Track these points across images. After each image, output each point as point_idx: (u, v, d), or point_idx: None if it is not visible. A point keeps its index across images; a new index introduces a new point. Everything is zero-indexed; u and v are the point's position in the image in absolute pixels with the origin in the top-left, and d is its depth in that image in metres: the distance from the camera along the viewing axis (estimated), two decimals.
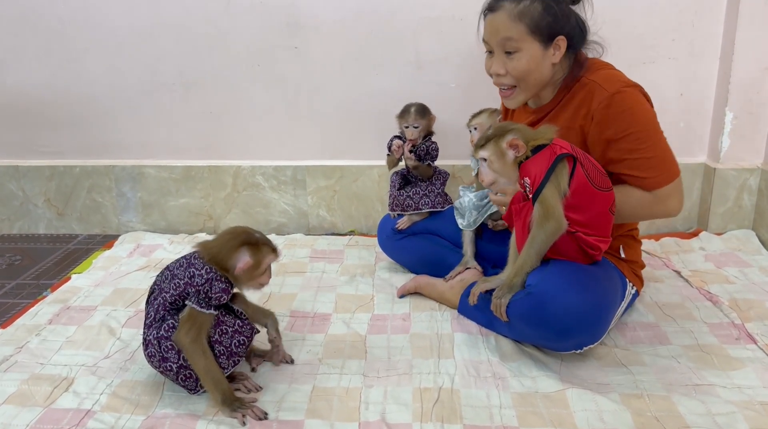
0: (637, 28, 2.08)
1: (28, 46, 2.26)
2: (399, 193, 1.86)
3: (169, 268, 1.32)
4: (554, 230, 1.30)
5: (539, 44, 1.43)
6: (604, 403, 1.25)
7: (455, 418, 1.23)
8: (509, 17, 1.41)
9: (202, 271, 1.26)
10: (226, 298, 1.29)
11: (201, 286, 1.25)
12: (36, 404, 1.30)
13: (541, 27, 1.41)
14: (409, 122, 1.81)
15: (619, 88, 1.40)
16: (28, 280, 1.99)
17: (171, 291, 1.28)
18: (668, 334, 1.53)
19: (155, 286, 1.33)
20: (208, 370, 1.24)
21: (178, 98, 2.29)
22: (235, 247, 1.28)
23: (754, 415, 1.22)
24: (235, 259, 1.27)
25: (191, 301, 1.25)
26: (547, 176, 1.28)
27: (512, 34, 1.41)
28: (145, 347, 1.31)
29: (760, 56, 2.03)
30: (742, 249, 2.04)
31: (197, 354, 1.24)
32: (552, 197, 1.29)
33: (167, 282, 1.30)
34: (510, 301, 1.38)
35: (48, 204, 2.42)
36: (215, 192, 2.36)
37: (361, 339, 1.55)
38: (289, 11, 2.16)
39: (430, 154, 1.83)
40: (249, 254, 1.28)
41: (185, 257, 1.32)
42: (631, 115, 1.39)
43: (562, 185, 1.30)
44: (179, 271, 1.29)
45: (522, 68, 1.44)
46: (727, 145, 2.13)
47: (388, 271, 1.95)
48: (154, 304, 1.31)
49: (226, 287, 1.28)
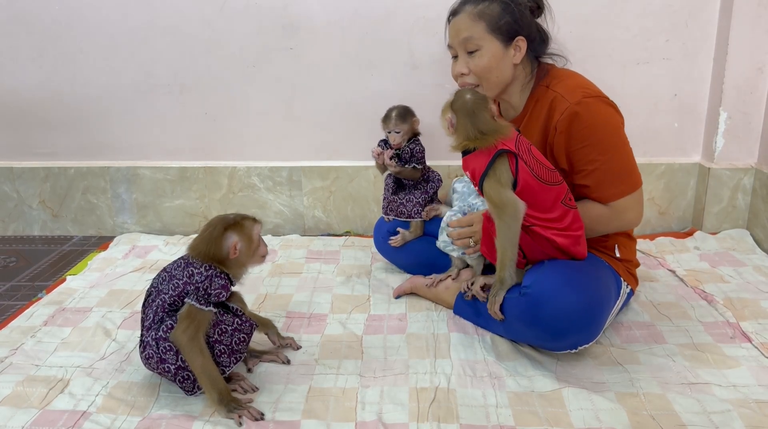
0: (631, 29, 2.09)
1: (22, 48, 2.26)
2: (393, 198, 1.85)
3: (167, 270, 1.32)
4: (512, 213, 1.33)
5: (499, 43, 1.47)
6: (600, 401, 1.26)
7: (452, 418, 1.23)
8: (469, 18, 1.47)
9: (201, 269, 1.27)
10: (225, 296, 1.29)
11: (201, 283, 1.26)
12: (31, 406, 1.29)
13: (500, 26, 1.46)
14: (390, 128, 1.80)
15: (580, 98, 1.40)
16: (23, 282, 1.98)
17: (170, 292, 1.28)
18: (663, 333, 1.53)
19: (152, 289, 1.33)
20: (205, 369, 1.24)
21: (174, 99, 2.28)
22: (219, 235, 1.28)
23: (749, 413, 1.22)
24: (225, 246, 1.28)
25: (190, 298, 1.25)
26: (486, 171, 1.33)
27: (472, 33, 1.47)
28: (143, 349, 1.31)
29: (754, 56, 2.04)
30: (737, 248, 2.05)
31: (194, 352, 1.23)
32: (493, 188, 1.33)
33: (165, 283, 1.29)
34: (506, 300, 1.39)
35: (43, 205, 2.42)
36: (210, 193, 2.36)
37: (358, 339, 1.55)
38: (284, 13, 2.16)
39: (415, 157, 1.81)
40: (235, 235, 1.29)
41: (182, 258, 1.32)
42: (589, 126, 1.40)
43: (503, 177, 1.33)
44: (177, 271, 1.29)
45: (483, 65, 1.49)
46: (721, 145, 2.14)
47: (384, 271, 1.96)
48: (153, 306, 1.30)
49: (225, 283, 1.28)
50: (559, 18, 1.61)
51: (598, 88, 1.46)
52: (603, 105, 1.43)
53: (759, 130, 2.12)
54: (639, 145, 1.56)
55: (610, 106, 1.45)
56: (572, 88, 1.44)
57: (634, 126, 1.51)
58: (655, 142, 2.21)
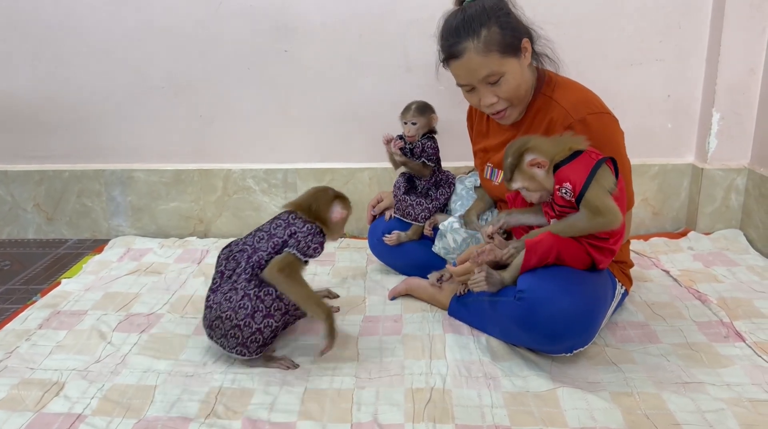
0: (625, 30, 2.10)
1: (17, 50, 2.25)
2: (404, 198, 1.84)
3: (264, 230, 1.46)
4: (606, 223, 1.28)
5: (514, 59, 1.42)
6: (595, 401, 1.26)
7: (447, 418, 1.23)
8: (479, 55, 1.39)
9: (304, 229, 1.44)
10: (320, 252, 1.46)
11: (303, 237, 1.42)
12: (26, 409, 1.29)
13: (508, 44, 1.40)
14: (407, 119, 1.80)
15: (584, 115, 1.40)
16: (17, 286, 1.97)
17: (269, 249, 1.40)
18: (658, 333, 1.54)
19: (246, 246, 1.43)
20: (309, 295, 1.40)
21: (168, 102, 2.28)
22: (329, 200, 1.51)
23: (743, 411, 1.23)
24: (331, 210, 1.50)
25: (291, 248, 1.41)
26: (588, 180, 1.27)
27: (491, 67, 1.40)
28: (210, 311, 1.41)
29: (746, 57, 2.05)
30: (730, 248, 2.06)
31: (296, 283, 1.39)
32: (597, 197, 1.27)
33: (264, 242, 1.42)
34: (501, 304, 1.39)
35: (37, 209, 2.41)
36: (205, 195, 2.36)
37: (353, 340, 1.55)
38: (279, 14, 2.16)
39: (426, 152, 1.80)
40: (341, 206, 1.51)
41: (279, 218, 1.47)
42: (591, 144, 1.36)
43: (608, 185, 1.28)
44: (277, 230, 1.44)
45: (512, 88, 1.44)
46: (714, 146, 2.15)
47: (379, 273, 1.96)
48: (249, 262, 1.40)
49: (322, 241, 1.47)
50: (554, 19, 1.62)
51: (601, 102, 1.45)
52: (606, 122, 1.42)
53: (751, 131, 2.14)
54: (633, 146, 1.56)
55: (614, 122, 1.44)
56: (576, 103, 1.43)
57: (627, 127, 1.51)
58: (648, 143, 2.22)
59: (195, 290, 1.85)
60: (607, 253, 1.37)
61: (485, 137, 1.69)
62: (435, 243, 1.75)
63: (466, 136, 1.83)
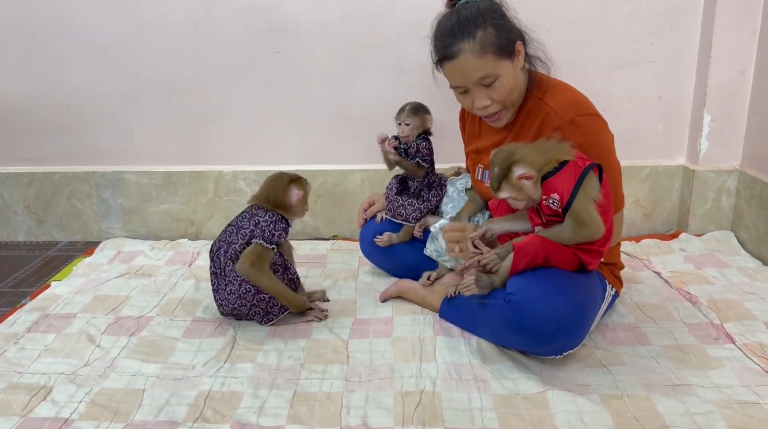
0: (617, 32, 2.11)
1: (8, 52, 2.24)
2: (395, 199, 1.84)
3: (232, 224, 1.59)
4: (589, 235, 1.30)
5: (508, 61, 1.42)
6: (585, 404, 1.26)
7: (437, 422, 1.23)
8: (474, 56, 1.38)
9: (266, 217, 1.57)
10: (285, 237, 1.59)
11: (266, 226, 1.55)
12: (13, 413, 1.28)
13: (502, 46, 1.39)
14: (401, 119, 1.80)
15: (573, 117, 1.39)
16: (6, 289, 1.96)
17: (239, 241, 1.54)
18: (648, 335, 1.54)
19: (221, 243, 1.58)
20: (275, 287, 1.55)
21: (160, 104, 2.27)
22: (285, 186, 1.61)
23: (732, 414, 1.23)
24: (289, 195, 1.61)
25: (257, 239, 1.53)
26: (575, 190, 1.27)
27: (486, 69, 1.39)
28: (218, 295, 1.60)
29: (737, 59, 2.06)
30: (722, 250, 2.06)
31: (263, 277, 1.52)
32: (583, 207, 1.27)
33: (234, 235, 1.55)
34: (491, 306, 1.38)
35: (28, 211, 2.40)
36: (197, 197, 2.35)
37: (343, 343, 1.54)
38: (272, 16, 2.15)
39: (420, 153, 1.80)
40: (297, 187, 1.62)
41: (245, 212, 1.60)
42: (581, 145, 1.35)
43: (593, 193, 1.28)
44: (243, 222, 1.56)
45: (506, 91, 1.43)
46: (705, 147, 2.15)
47: (371, 275, 1.95)
48: (227, 255, 1.55)
49: (285, 227, 1.59)
50: (546, 21, 1.62)
51: (590, 104, 1.45)
52: (595, 124, 1.42)
53: (742, 132, 2.14)
54: (624, 148, 1.57)
55: (603, 125, 1.43)
56: (565, 104, 1.42)
57: (619, 129, 1.51)
58: (640, 145, 2.22)
59: (185, 293, 1.85)
60: (594, 254, 1.37)
61: (477, 139, 1.69)
62: (426, 246, 1.75)
63: (459, 137, 1.83)
